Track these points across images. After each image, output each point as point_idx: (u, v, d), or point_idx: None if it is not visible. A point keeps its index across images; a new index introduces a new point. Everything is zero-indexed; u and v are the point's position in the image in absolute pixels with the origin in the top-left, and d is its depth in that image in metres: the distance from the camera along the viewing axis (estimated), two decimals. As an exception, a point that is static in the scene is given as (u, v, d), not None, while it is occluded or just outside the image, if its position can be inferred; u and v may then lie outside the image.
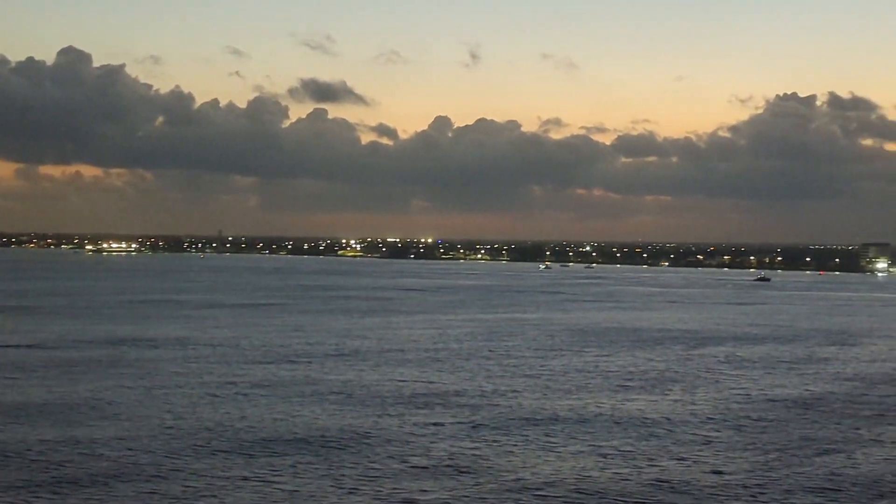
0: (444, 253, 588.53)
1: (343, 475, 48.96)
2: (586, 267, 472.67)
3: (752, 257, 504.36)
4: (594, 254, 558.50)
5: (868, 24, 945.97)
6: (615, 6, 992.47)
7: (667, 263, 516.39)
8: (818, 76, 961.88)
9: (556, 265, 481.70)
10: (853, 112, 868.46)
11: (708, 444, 58.60)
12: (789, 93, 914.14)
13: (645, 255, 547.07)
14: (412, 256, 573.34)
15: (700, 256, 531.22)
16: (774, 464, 53.73)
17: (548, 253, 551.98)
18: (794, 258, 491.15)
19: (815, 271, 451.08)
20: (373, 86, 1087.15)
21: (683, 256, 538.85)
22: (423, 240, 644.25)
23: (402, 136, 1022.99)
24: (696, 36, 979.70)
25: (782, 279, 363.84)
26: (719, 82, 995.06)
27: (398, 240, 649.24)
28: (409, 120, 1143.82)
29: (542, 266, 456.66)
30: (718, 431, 62.56)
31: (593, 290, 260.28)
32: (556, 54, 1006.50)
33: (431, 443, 57.05)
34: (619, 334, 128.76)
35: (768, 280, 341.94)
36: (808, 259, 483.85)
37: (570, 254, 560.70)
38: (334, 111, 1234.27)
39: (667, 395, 77.69)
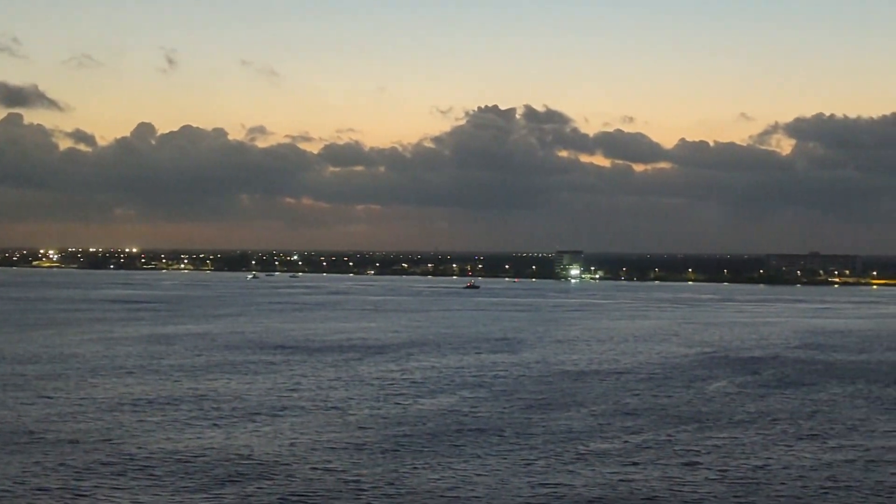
0: (145, 263, 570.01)
1: None
2: (291, 276, 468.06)
3: (454, 265, 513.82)
4: (300, 263, 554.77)
5: (560, 41, 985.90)
6: (315, 14, 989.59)
7: (372, 272, 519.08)
8: (514, 89, 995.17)
9: (262, 275, 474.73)
10: (549, 125, 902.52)
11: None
12: (490, 105, 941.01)
13: (351, 264, 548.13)
14: (112, 267, 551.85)
15: (405, 265, 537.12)
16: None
17: (254, 262, 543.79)
18: (495, 266, 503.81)
19: (513, 278, 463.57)
20: (67, 90, 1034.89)
21: (389, 265, 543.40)
22: (126, 249, 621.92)
23: (101, 142, 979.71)
24: (395, 47, 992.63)
25: (488, 286, 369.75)
26: (420, 93, 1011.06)
27: (100, 250, 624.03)
28: (109, 126, 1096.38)
29: (249, 276, 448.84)
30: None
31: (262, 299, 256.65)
32: (255, 61, 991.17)
33: None
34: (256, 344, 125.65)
35: (478, 287, 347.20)
36: (507, 266, 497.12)
37: (277, 263, 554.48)
38: (30, 117, 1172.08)
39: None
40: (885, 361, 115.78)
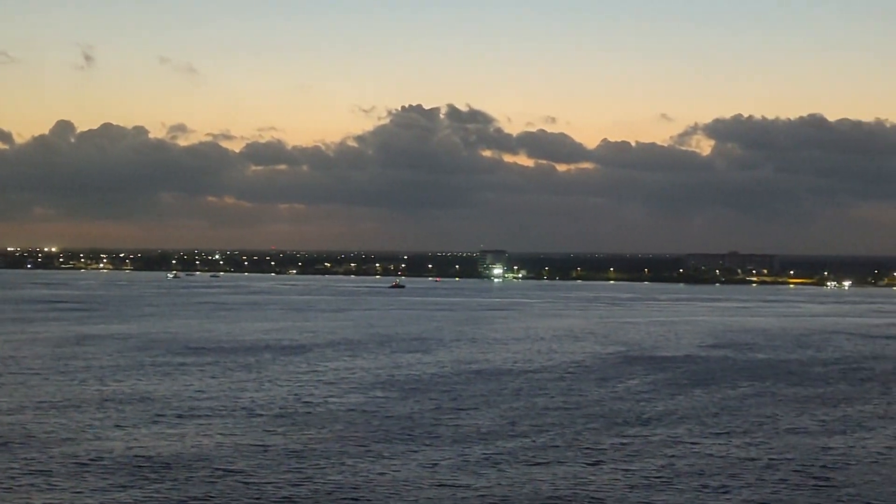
0: (64, 262, 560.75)
1: None
2: (212, 276, 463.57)
3: (377, 265, 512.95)
4: (222, 262, 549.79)
5: (483, 41, 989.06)
6: (235, 12, 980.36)
7: (294, 271, 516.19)
8: (437, 89, 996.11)
9: (183, 274, 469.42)
10: (472, 124, 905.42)
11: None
12: (414, 104, 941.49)
13: (273, 264, 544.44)
14: (30, 266, 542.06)
15: (328, 264, 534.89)
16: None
17: (174, 262, 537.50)
18: (418, 265, 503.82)
19: (441, 277, 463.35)
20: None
21: (312, 264, 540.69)
22: (45, 249, 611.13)
23: (19, 140, 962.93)
24: (316, 46, 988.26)
25: (413, 285, 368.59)
26: (342, 92, 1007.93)
27: (17, 249, 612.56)
28: (26, 124, 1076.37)
29: (169, 275, 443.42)
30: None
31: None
32: (174, 59, 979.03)
33: None
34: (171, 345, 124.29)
35: (403, 287, 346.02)
36: (430, 266, 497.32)
37: (198, 262, 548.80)
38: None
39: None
40: (794, 360, 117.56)
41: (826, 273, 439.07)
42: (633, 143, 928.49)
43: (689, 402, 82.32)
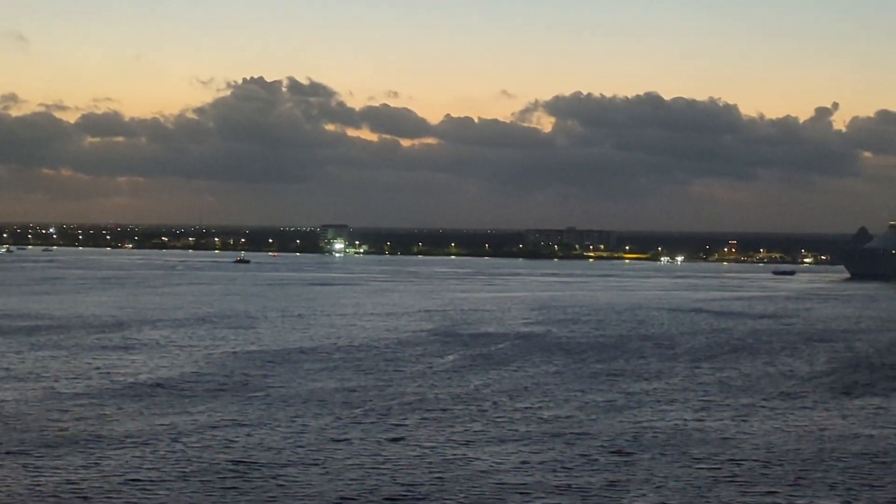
0: None
1: None
2: (45, 250, 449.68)
3: (216, 239, 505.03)
4: (55, 236, 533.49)
5: (323, 13, 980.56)
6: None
7: (131, 245, 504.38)
8: (278, 61, 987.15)
9: (15, 248, 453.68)
10: (314, 98, 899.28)
11: None
12: (256, 77, 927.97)
13: (109, 238, 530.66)
14: None
15: (165, 238, 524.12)
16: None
17: (5, 235, 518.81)
18: (259, 240, 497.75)
19: (280, 252, 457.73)
20: None
21: (149, 238, 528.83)
22: None
23: None
24: (152, 14, 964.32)
25: (256, 260, 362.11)
26: (180, 63, 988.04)
27: None
28: None
29: (2, 249, 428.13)
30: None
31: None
32: (0, 26, 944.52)
33: None
34: None
35: (248, 262, 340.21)
36: (270, 241, 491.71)
37: (31, 237, 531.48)
38: None
39: None
40: (614, 334, 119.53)
41: (660, 248, 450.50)
42: (476, 119, 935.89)
43: (500, 378, 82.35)
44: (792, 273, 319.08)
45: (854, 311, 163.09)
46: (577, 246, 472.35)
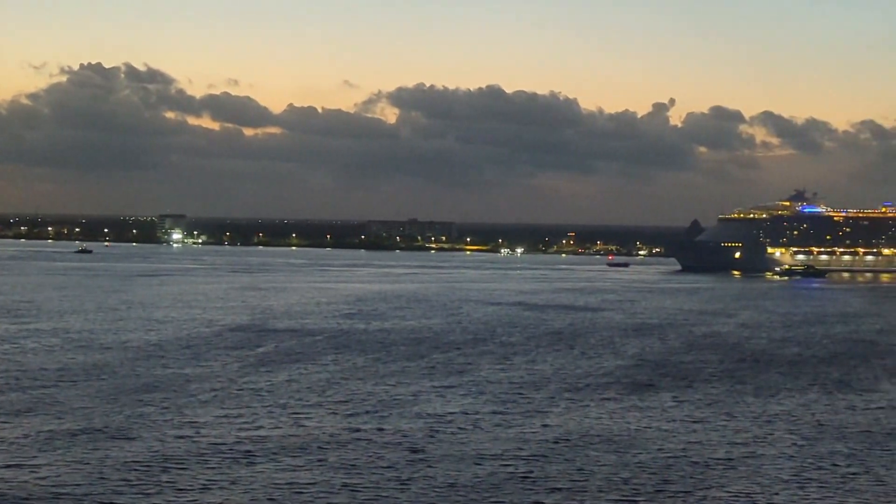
0: None
1: None
2: None
3: (49, 228, 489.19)
4: None
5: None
6: None
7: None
8: (114, 47, 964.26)
9: None
10: (152, 85, 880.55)
11: None
12: (94, 63, 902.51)
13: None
14: None
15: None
16: None
17: None
18: (95, 229, 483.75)
19: (116, 242, 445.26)
20: None
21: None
22: None
23: None
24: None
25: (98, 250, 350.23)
26: (8, 46, 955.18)
27: None
28: None
29: None
30: None
31: None
32: None
33: None
34: None
35: (90, 252, 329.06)
36: (106, 230, 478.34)
37: None
38: None
39: None
40: (432, 327, 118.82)
41: (501, 240, 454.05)
42: (320, 109, 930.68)
43: (288, 378, 78.26)
44: (626, 265, 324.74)
45: (674, 303, 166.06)
46: (419, 237, 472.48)
